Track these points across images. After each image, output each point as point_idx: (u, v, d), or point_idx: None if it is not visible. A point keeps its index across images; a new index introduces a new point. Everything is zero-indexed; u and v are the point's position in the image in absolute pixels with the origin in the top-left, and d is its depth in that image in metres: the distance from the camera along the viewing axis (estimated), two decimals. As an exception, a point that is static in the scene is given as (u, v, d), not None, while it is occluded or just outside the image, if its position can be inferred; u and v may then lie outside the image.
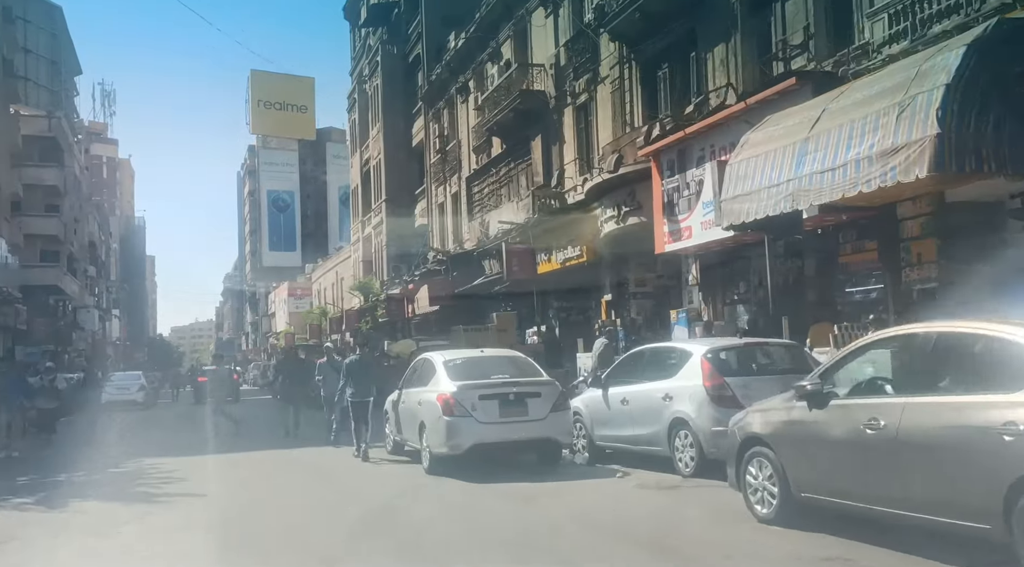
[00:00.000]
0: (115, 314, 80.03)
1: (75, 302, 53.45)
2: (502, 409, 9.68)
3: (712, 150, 13.65)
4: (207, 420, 20.41)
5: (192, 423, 20.98)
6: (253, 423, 20.43)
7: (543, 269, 20.44)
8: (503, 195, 26.52)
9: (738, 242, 13.82)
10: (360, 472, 11.18)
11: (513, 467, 9.97)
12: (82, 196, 56.51)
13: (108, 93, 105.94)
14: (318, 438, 15.22)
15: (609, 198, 17.51)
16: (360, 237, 43.57)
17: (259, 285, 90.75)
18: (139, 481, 10.45)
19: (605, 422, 10.21)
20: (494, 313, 18.83)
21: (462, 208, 30.84)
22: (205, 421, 22.13)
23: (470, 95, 29.74)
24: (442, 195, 33.37)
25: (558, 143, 22.93)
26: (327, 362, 14.37)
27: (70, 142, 50.01)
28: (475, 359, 10.91)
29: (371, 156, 40.75)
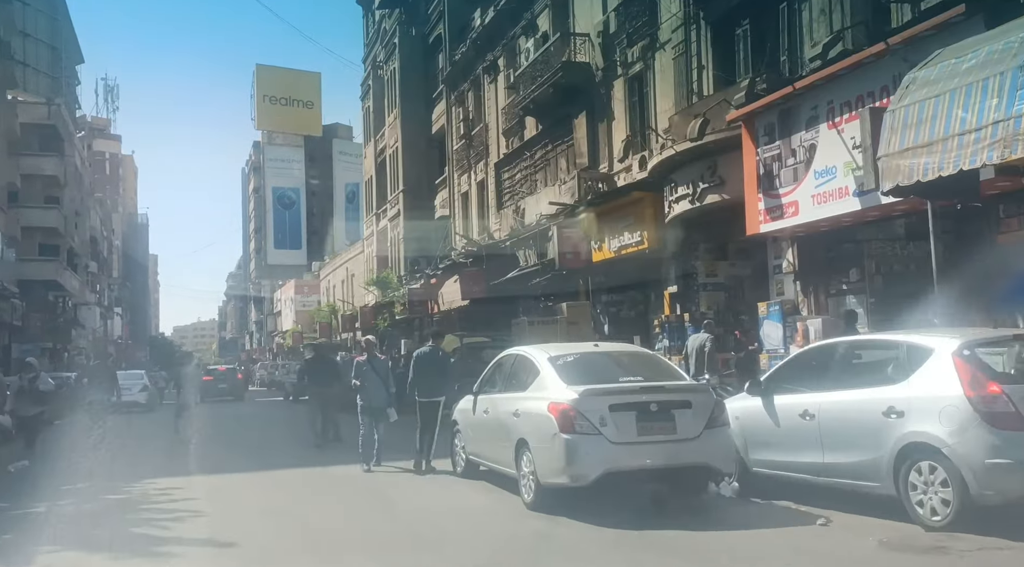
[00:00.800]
0: (117, 312, 77.71)
1: (75, 299, 51.10)
2: (641, 424, 7.12)
3: (830, 108, 11.28)
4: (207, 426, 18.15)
5: (211, 427, 18.66)
6: (275, 429, 18.07)
7: (597, 258, 18.04)
8: (539, 181, 24.16)
9: (859, 220, 11.49)
10: (437, 505, 8.58)
11: (639, 500, 7.48)
12: (83, 189, 54.15)
13: (111, 88, 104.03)
14: (350, 448, 12.92)
15: (682, 174, 15.15)
16: (374, 231, 41.21)
17: (264, 283, 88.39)
18: (141, 515, 8.03)
19: (769, 443, 7.59)
20: (563, 304, 16.30)
21: (489, 197, 28.50)
22: (223, 423, 19.84)
23: (499, 74, 27.40)
24: (466, 184, 31.02)
25: (606, 120, 20.57)
26: (367, 361, 11.44)
27: (71, 131, 47.67)
28: (591, 356, 8.36)
29: (387, 145, 38.40)
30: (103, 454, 10.77)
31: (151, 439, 15.29)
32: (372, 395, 11.25)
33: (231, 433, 18.25)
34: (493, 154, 27.98)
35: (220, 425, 20.34)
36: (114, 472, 10.13)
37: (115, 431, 15.28)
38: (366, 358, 11.52)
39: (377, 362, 11.66)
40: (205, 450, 13.66)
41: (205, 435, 15.85)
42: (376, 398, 11.22)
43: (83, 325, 53.49)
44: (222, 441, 15.97)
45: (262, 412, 26.19)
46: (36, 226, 42.43)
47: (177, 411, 17.08)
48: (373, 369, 11.39)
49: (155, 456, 12.68)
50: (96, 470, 9.82)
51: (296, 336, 58.43)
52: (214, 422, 22.17)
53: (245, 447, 14.92)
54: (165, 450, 13.83)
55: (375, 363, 11.56)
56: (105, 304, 68.00)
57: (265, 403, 32.06)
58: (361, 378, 11.30)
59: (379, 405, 11.21)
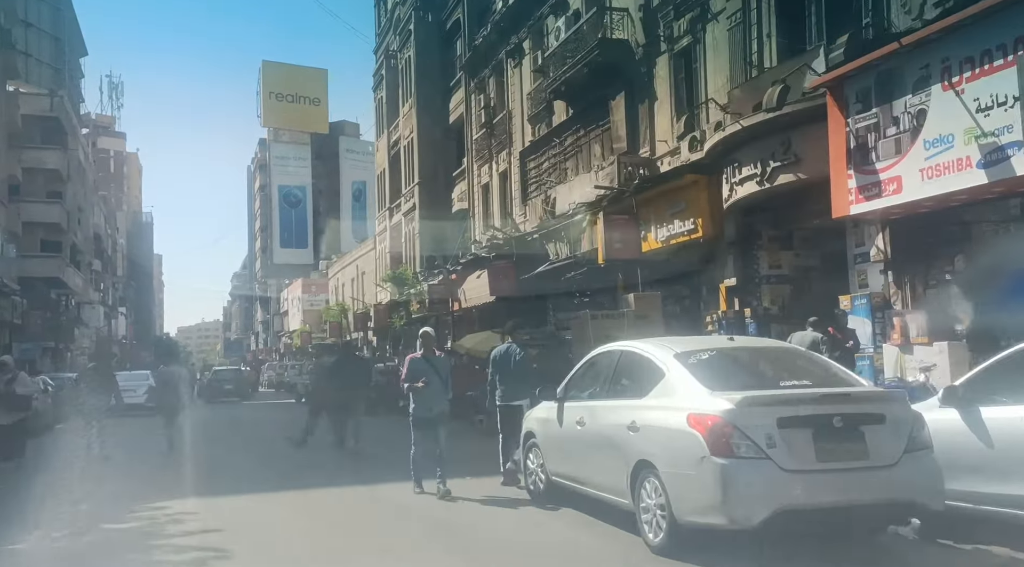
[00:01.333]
0: (121, 312, 76.26)
1: (79, 297, 49.63)
2: (821, 445, 5.36)
3: (945, 66, 9.66)
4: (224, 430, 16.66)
5: (215, 433, 17.09)
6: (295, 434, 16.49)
7: (645, 248, 16.41)
8: (569, 169, 22.58)
9: (976, 197, 9.88)
10: (530, 543, 6.81)
11: (790, 542, 5.67)
12: (87, 185, 52.68)
13: (116, 85, 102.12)
14: (390, 461, 11.37)
15: (747, 153, 13.54)
16: (387, 226, 39.64)
17: (270, 283, 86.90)
18: (151, 556, 6.36)
19: (977, 468, 5.71)
20: (630, 294, 14.57)
21: (512, 188, 26.93)
22: (230, 429, 18.24)
23: (525, 57, 25.82)
24: (487, 174, 29.45)
25: (647, 100, 18.97)
26: (423, 359, 9.41)
27: (74, 124, 46.21)
28: (731, 353, 6.61)
29: (401, 136, 36.83)
30: (100, 468, 9.17)
31: (156, 449, 13.69)
32: (431, 400, 9.32)
33: (246, 440, 16.69)
34: (517, 142, 26.40)
35: (232, 430, 18.82)
36: (116, 492, 8.53)
37: (115, 439, 13.77)
38: (422, 355, 9.55)
39: (437, 360, 9.66)
40: (219, 461, 12.10)
41: (216, 441, 14.31)
42: (437, 403, 9.37)
43: (86, 324, 52.02)
44: (237, 449, 14.42)
45: (275, 415, 24.62)
46: (38, 221, 40.96)
47: (164, 419, 14.80)
48: (434, 369, 9.40)
49: (162, 471, 11.11)
50: (94, 489, 8.21)
51: (304, 336, 56.91)
52: (224, 426, 20.69)
53: (265, 458, 13.33)
54: (173, 463, 12.26)
55: (434, 361, 9.56)
56: (109, 303, 66.56)
57: (276, 406, 30.50)
58: (419, 379, 9.25)
59: (440, 412, 9.43)
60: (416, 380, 9.21)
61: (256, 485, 9.99)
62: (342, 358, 15.55)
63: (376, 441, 14.14)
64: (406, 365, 9.51)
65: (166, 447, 13.87)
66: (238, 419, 22.86)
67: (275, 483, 10.12)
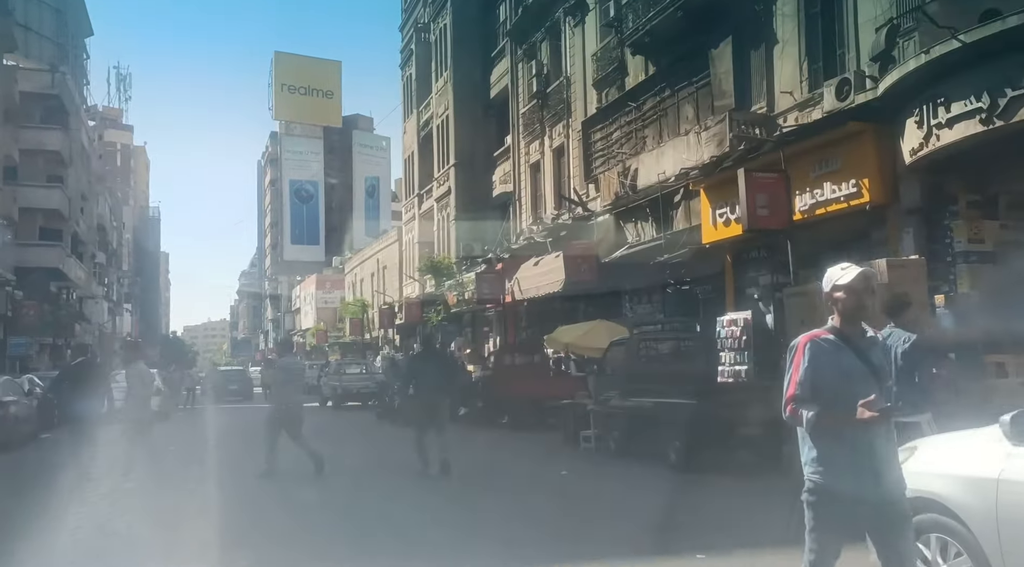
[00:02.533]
0: (127, 308, 72.91)
1: (81, 291, 46.24)
2: None
3: None
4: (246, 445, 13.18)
5: (239, 448, 13.57)
6: (369, 452, 12.96)
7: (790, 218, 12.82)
8: (649, 136, 19.08)
9: None
10: None
11: None
12: (90, 172, 49.28)
13: (123, 77, 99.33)
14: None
15: (965, 81, 10.02)
16: (415, 214, 36.15)
17: (281, 280, 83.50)
18: None
19: None
20: (881, 261, 10.68)
21: (570, 164, 23.45)
22: (244, 447, 14.75)
23: (588, 13, 22.36)
24: (537, 152, 25.97)
25: (763, 45, 15.48)
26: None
27: (76, 104, 42.83)
28: None
29: (434, 114, 33.36)
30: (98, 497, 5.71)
31: (170, 476, 10.07)
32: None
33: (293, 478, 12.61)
34: (578, 112, 22.92)
35: (246, 447, 15.32)
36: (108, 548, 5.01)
37: (115, 454, 10.24)
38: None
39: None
40: (276, 498, 8.54)
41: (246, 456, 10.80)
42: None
43: (88, 320, 48.58)
44: (270, 497, 10.37)
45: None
46: (37, 207, 37.51)
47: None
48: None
49: (184, 522, 7.47)
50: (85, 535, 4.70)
51: (320, 334, 53.50)
52: (235, 440, 17.04)
53: (352, 518, 8.16)
54: (198, 494, 8.72)
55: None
56: (114, 299, 63.19)
57: (305, 409, 27.01)
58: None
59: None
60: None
61: (366, 540, 6.37)
62: (424, 354, 11.94)
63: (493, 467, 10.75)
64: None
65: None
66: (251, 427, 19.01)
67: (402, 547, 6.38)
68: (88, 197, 47.71)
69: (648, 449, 10.30)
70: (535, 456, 12.35)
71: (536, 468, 10.94)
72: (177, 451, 12.65)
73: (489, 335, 28.15)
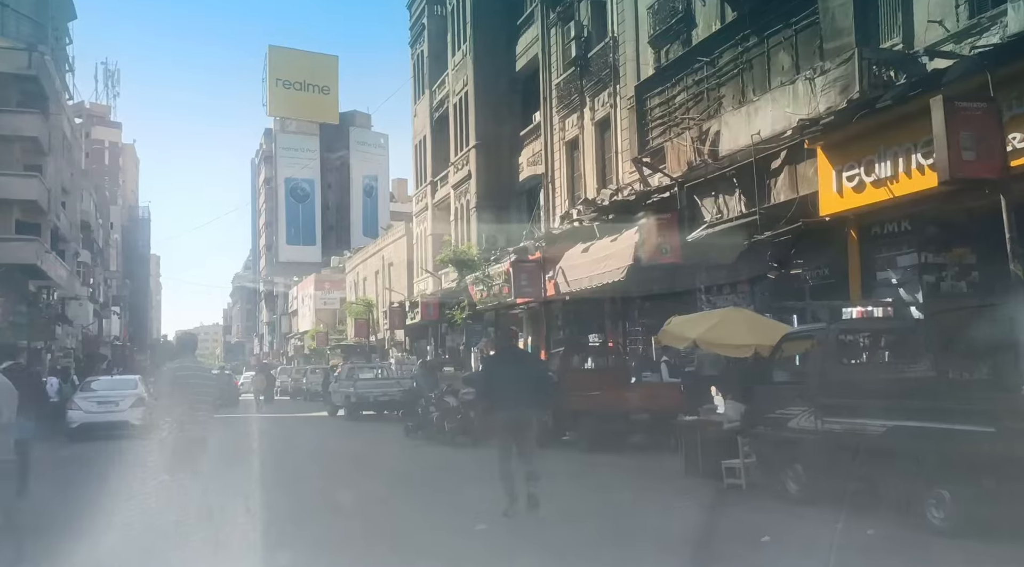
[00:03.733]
0: (115, 311, 69.38)
1: (63, 291, 42.79)
2: None
3: None
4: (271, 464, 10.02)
5: (258, 476, 10.30)
6: (436, 497, 9.62)
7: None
8: (727, 94, 15.95)
9: None
10: None
11: None
12: (73, 163, 45.91)
13: (111, 73, 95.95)
14: None
15: None
16: (428, 204, 32.93)
17: (277, 281, 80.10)
18: None
19: None
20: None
21: (618, 137, 20.35)
22: (274, 466, 11.26)
23: (644, -40, 19.27)
24: (574, 127, 22.84)
25: (895, -31, 12.42)
26: None
27: (57, 89, 39.44)
28: None
29: (450, 92, 30.18)
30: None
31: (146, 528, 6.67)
32: None
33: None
34: (629, 76, 19.80)
35: (295, 486, 12.05)
36: None
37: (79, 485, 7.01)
38: None
39: None
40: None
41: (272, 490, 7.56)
42: None
43: (71, 322, 45.18)
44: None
45: (334, 441, 17.23)
46: (12, 198, 34.08)
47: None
48: None
49: None
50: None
51: (320, 336, 50.17)
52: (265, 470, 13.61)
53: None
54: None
55: None
56: (100, 301, 59.72)
57: (309, 421, 23.63)
58: None
59: None
60: None
61: None
62: (505, 356, 8.65)
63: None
64: None
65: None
66: (291, 451, 14.86)
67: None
68: (70, 191, 44.31)
69: (868, 497, 6.97)
70: (655, 493, 9.17)
71: (678, 516, 7.63)
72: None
73: (518, 335, 24.95)
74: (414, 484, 10.03)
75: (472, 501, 8.50)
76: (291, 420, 24.02)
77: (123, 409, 16.47)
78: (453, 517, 7.99)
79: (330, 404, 23.60)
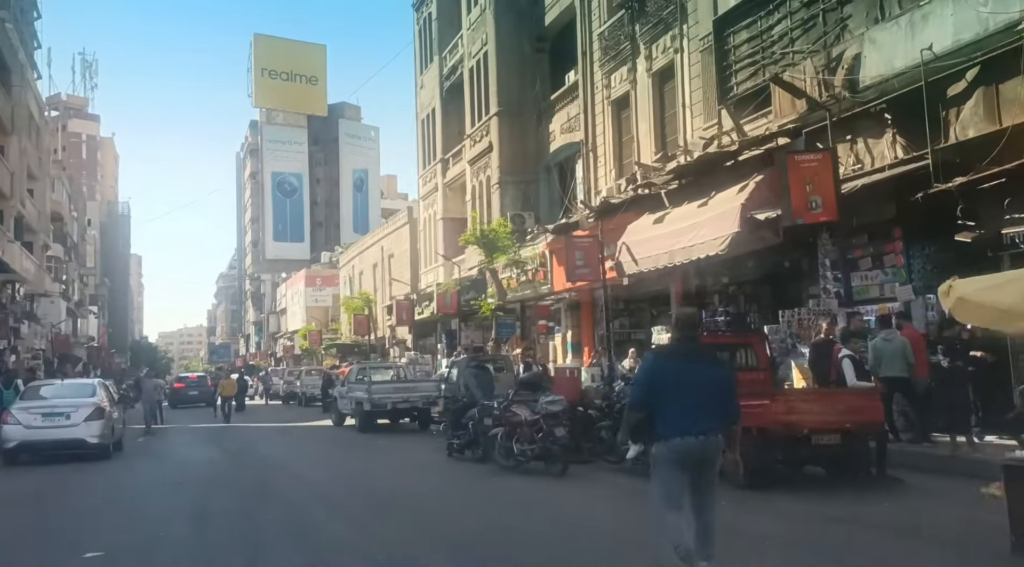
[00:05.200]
0: (92, 311, 64.91)
1: (30, 286, 38.57)
2: None
3: None
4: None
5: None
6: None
7: None
8: (862, 11, 12.25)
9: None
10: None
11: None
12: (42, 148, 41.63)
13: (89, 64, 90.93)
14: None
15: None
16: (438, 184, 29.04)
17: (265, 279, 75.86)
18: None
19: None
20: None
21: (684, 86, 16.64)
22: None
23: None
24: (624, 82, 19.08)
25: None
26: None
27: (22, 62, 35.26)
28: None
29: (465, 56, 26.34)
30: None
31: None
32: None
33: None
34: (702, 11, 16.06)
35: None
36: None
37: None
38: None
39: None
40: None
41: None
42: None
43: (40, 321, 40.94)
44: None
45: (357, 467, 12.34)
46: (-33, 181, 30.15)
47: None
48: None
49: None
50: None
51: (313, 335, 46.13)
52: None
53: None
54: None
55: None
56: (75, 299, 55.30)
57: (312, 433, 19.62)
58: None
59: None
60: None
61: None
62: (684, 352, 4.86)
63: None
64: None
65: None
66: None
67: None
68: (39, 177, 40.02)
69: None
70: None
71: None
72: None
73: (553, 330, 21.18)
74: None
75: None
76: (290, 432, 20.02)
77: (75, 423, 12.52)
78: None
79: (335, 411, 19.64)
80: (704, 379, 4.85)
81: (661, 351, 5.21)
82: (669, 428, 4.78)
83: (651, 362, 5.25)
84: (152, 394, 20.88)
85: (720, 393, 4.89)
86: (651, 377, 4.99)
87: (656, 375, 4.95)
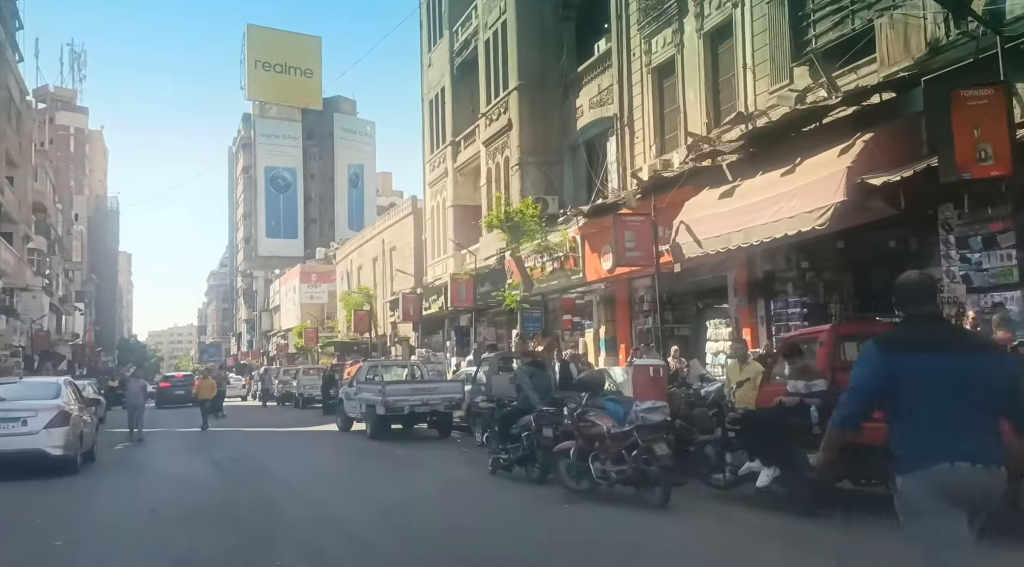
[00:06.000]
0: (78, 308, 62.22)
1: (9, 279, 36.09)
2: None
3: None
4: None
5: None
6: None
7: None
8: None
9: None
10: None
11: None
12: (23, 133, 39.06)
13: (78, 55, 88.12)
14: None
15: None
16: (447, 169, 26.74)
17: (258, 276, 73.28)
18: None
19: None
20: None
21: (744, 45, 14.42)
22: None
23: None
24: (669, 46, 16.83)
25: None
26: None
27: (1, 40, 32.84)
28: None
29: (480, 27, 24.05)
30: None
31: None
32: None
33: None
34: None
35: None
36: None
37: None
38: None
39: None
40: None
41: None
42: None
43: (20, 317, 38.40)
44: None
45: (386, 492, 9.63)
46: (-64, 162, 27.67)
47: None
48: None
49: None
50: None
51: (309, 333, 43.72)
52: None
53: None
54: None
55: None
56: (59, 294, 52.66)
57: (314, 440, 17.31)
58: None
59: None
60: None
61: None
62: (920, 336, 2.80)
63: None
64: None
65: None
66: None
67: None
68: (19, 164, 37.49)
69: None
70: None
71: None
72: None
73: (583, 325, 18.92)
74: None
75: None
76: (290, 438, 17.67)
77: (34, 430, 10.18)
78: None
79: (341, 415, 17.29)
80: (965, 378, 3.10)
81: (890, 339, 3.17)
82: (918, 449, 3.05)
83: (876, 356, 3.18)
84: (138, 396, 18.52)
85: (998, 393, 3.09)
86: (877, 379, 3.18)
87: (888, 373, 3.13)
